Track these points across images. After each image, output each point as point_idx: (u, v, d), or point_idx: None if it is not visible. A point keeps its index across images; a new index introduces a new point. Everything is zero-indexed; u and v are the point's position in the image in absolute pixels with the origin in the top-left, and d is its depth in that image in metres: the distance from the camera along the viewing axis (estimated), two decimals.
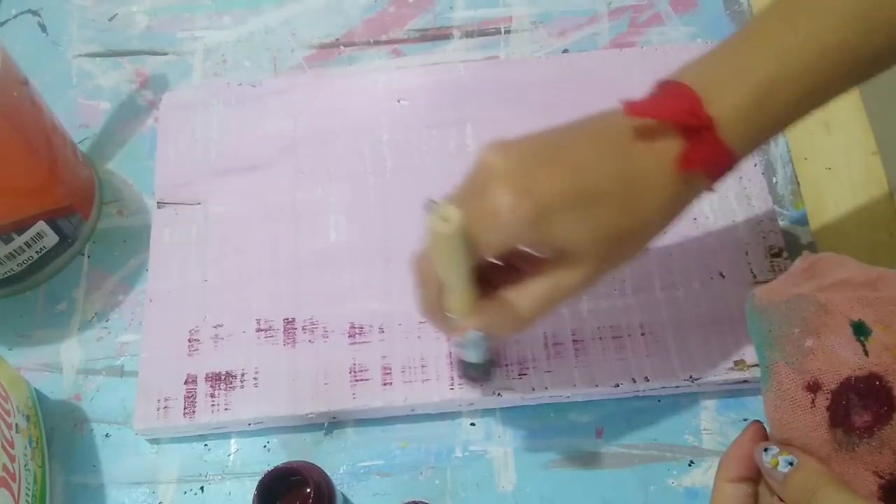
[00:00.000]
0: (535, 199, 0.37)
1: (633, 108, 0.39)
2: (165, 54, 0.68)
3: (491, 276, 0.42)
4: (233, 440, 0.54)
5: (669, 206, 0.40)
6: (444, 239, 0.37)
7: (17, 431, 0.49)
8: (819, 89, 0.40)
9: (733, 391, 0.52)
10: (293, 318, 0.55)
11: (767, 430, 0.36)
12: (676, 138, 0.39)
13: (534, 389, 0.51)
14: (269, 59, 0.67)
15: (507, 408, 0.53)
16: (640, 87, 0.60)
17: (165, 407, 0.52)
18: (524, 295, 0.40)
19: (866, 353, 0.34)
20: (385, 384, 0.52)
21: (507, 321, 0.41)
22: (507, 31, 0.67)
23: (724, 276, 0.54)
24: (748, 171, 0.58)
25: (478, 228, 0.37)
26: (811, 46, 0.39)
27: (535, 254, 0.41)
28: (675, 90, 0.39)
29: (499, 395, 0.51)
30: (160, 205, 0.59)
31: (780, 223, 0.56)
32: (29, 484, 0.49)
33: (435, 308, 0.42)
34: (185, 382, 0.53)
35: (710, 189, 0.41)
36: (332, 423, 0.53)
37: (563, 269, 0.39)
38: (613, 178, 0.38)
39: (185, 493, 0.52)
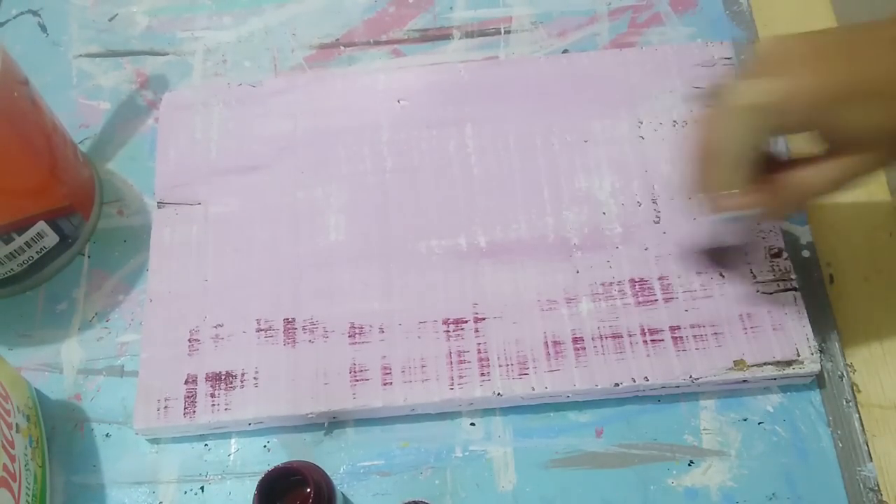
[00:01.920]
0: (837, 83, 0.38)
1: None
2: (165, 54, 0.68)
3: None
4: (233, 440, 0.54)
5: None
6: (743, 112, 0.38)
7: (17, 431, 0.49)
8: None
9: (733, 391, 0.52)
10: (293, 318, 0.55)
11: None
12: None
13: (534, 389, 0.51)
14: (269, 60, 0.67)
15: (507, 408, 0.53)
16: (640, 87, 0.61)
17: (165, 407, 0.53)
18: (809, 175, 0.41)
19: None
20: (385, 384, 0.52)
21: (790, 199, 0.42)
22: (507, 32, 0.67)
23: (723, 277, 0.54)
24: None
25: (775, 104, 0.38)
26: None
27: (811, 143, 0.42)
28: None
29: (499, 395, 0.51)
30: (160, 205, 0.59)
31: (780, 223, 0.56)
32: (29, 484, 0.49)
33: (714, 182, 0.43)
34: (186, 382, 0.53)
35: None
36: (332, 423, 0.53)
37: (847, 156, 0.40)
38: None
39: (186, 492, 0.52)
